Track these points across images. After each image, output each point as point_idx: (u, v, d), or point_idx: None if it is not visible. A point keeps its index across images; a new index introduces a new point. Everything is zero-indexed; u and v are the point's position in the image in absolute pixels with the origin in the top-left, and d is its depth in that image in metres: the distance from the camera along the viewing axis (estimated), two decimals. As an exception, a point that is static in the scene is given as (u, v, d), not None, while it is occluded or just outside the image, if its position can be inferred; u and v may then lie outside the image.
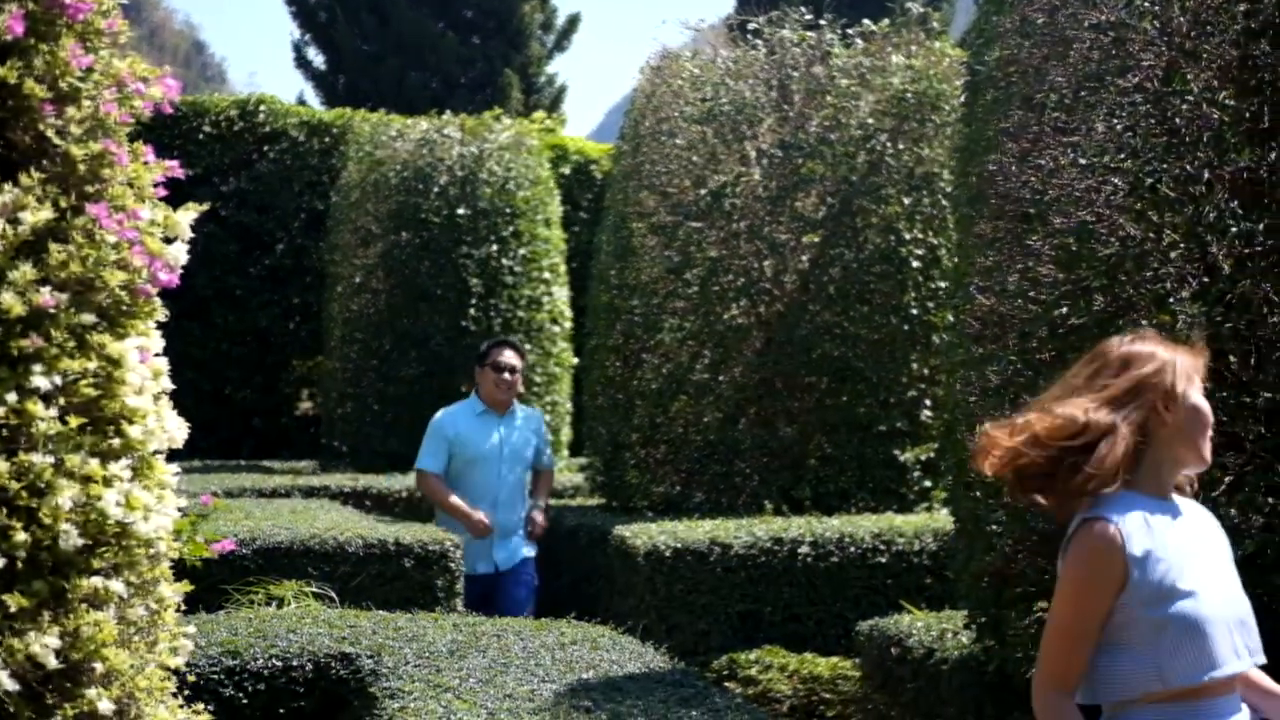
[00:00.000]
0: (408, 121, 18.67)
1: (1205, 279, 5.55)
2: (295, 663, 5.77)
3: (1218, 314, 5.39)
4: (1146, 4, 5.71)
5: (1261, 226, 5.37)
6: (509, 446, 9.85)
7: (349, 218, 17.60)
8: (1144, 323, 5.65)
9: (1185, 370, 3.81)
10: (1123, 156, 5.70)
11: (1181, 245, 5.62)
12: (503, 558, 9.82)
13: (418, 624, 6.24)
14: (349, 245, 17.52)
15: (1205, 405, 3.84)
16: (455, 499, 9.66)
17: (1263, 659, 3.87)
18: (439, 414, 10.08)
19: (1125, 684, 3.69)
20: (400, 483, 14.16)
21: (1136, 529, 3.70)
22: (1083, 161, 5.80)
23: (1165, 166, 5.59)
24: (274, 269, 20.86)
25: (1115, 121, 5.76)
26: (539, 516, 10.03)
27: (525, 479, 10.02)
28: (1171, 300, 5.57)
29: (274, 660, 5.76)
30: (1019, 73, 6.25)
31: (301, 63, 37.55)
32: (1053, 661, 3.72)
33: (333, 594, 8.42)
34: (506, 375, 9.78)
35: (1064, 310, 5.79)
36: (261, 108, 21.08)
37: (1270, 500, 5.39)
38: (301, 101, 32.43)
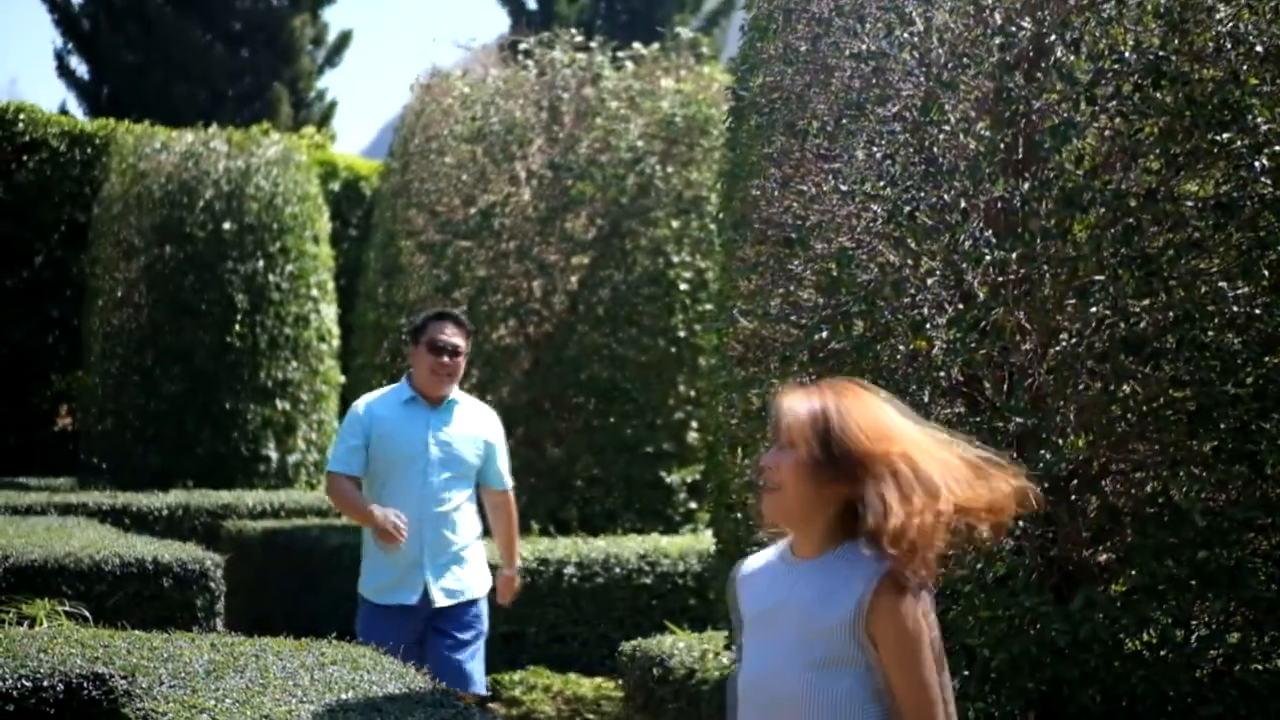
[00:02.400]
0: (173, 134, 18.33)
1: (960, 305, 5.68)
2: (46, 683, 5.60)
3: (972, 340, 5.52)
4: (906, 35, 5.83)
5: (1015, 255, 5.50)
6: (441, 445, 7.33)
7: (111, 230, 17.23)
8: (901, 348, 5.78)
9: None
10: (882, 184, 5.80)
11: (938, 272, 5.74)
12: (439, 588, 7.30)
13: (174, 644, 6.10)
14: (111, 258, 17.16)
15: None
16: (363, 503, 7.27)
17: None
18: (357, 402, 7.67)
19: None
20: (161, 500, 13.90)
21: None
22: (843, 188, 5.90)
23: (923, 194, 5.71)
24: (32, 281, 20.30)
25: (875, 149, 5.86)
26: (512, 577, 7.76)
27: (469, 495, 7.47)
28: (928, 326, 5.69)
29: (23, 681, 5.59)
30: (782, 99, 6.33)
31: (64, 71, 36.62)
32: None
33: (87, 613, 8.22)
34: (446, 358, 7.33)
35: (824, 334, 5.87)
36: (20, 116, 20.51)
37: (1019, 523, 5.52)
38: (64, 111, 31.61)
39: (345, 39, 38.68)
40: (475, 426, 7.47)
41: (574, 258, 12.31)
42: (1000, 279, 5.58)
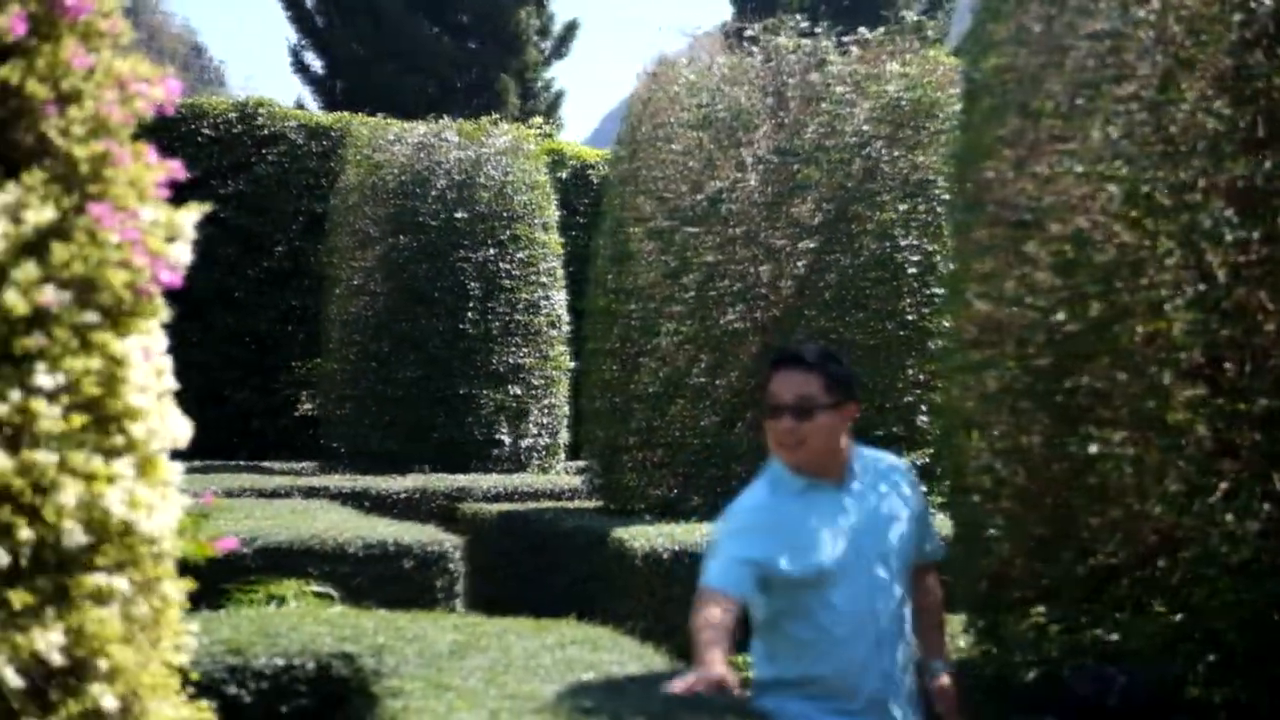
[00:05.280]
0: (405, 125, 18.73)
1: (1201, 286, 5.57)
2: (297, 661, 5.77)
3: (1213, 321, 5.41)
4: (1143, 13, 5.74)
5: (1256, 234, 5.39)
6: (873, 534, 4.76)
7: (347, 221, 17.64)
8: (1139, 329, 5.69)
9: None
10: (1118, 164, 5.72)
11: (1177, 252, 5.64)
12: None
13: (419, 624, 6.24)
14: (347, 248, 17.57)
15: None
16: (709, 633, 4.40)
17: None
18: (740, 501, 4.97)
19: None
20: (399, 484, 14.20)
21: None
22: (1079, 169, 5.83)
23: (1161, 174, 5.62)
24: (273, 271, 20.91)
25: (1111, 129, 5.78)
26: (946, 681, 5.01)
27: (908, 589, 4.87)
28: (1167, 307, 5.59)
29: (276, 658, 5.76)
30: (1015, 80, 6.27)
31: (299, 67, 37.59)
32: None
33: (334, 593, 8.43)
34: (786, 421, 4.75)
35: (1061, 316, 5.81)
36: (260, 111, 21.12)
37: (1266, 507, 5.41)
38: (300, 105, 32.45)
39: (571, 29, 39.04)
40: (893, 488, 4.96)
41: (801, 242, 12.28)
42: (1241, 259, 5.46)
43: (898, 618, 4.70)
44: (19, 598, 2.87)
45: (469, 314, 16.98)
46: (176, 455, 3.29)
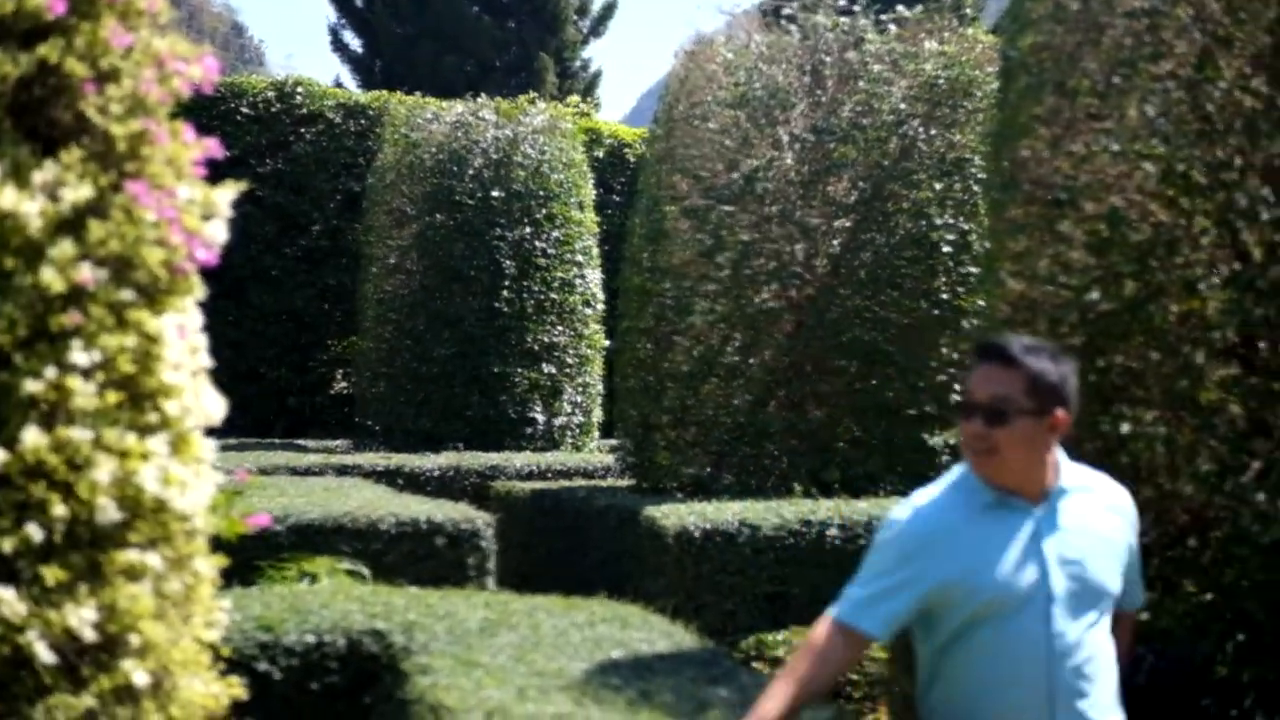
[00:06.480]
0: (443, 105, 18.75)
1: (1236, 265, 5.55)
2: (328, 638, 5.81)
3: (1248, 300, 5.39)
4: (1180, -10, 5.71)
5: (1293, 213, 5.37)
6: (1067, 570, 3.87)
7: (384, 199, 17.68)
8: (1174, 308, 5.67)
9: None
10: (1155, 143, 5.70)
11: (1213, 231, 5.62)
12: None
13: (449, 601, 6.27)
14: (384, 226, 17.61)
15: None
16: (783, 683, 3.73)
17: None
18: (913, 506, 3.97)
19: None
20: (432, 462, 14.23)
21: None
22: (1115, 148, 5.81)
23: (1197, 153, 5.59)
24: (310, 250, 20.97)
25: (1148, 108, 5.76)
26: None
27: (1114, 663, 3.95)
28: (1202, 286, 5.57)
29: (307, 635, 5.80)
30: (1052, 59, 6.25)
31: (338, 46, 37.65)
32: None
33: (365, 571, 8.46)
34: (976, 424, 3.86)
35: (1095, 295, 5.80)
36: (299, 90, 21.17)
37: (1298, 486, 5.39)
38: (338, 84, 32.51)
39: (609, 9, 39.02)
40: (1111, 524, 3.99)
41: (836, 221, 12.26)
42: (1277, 237, 5.44)
43: (1083, 674, 3.80)
44: (52, 574, 2.89)
45: (504, 292, 17.00)
46: (210, 432, 3.31)
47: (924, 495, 3.99)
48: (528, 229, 17.13)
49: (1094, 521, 3.91)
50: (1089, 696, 3.80)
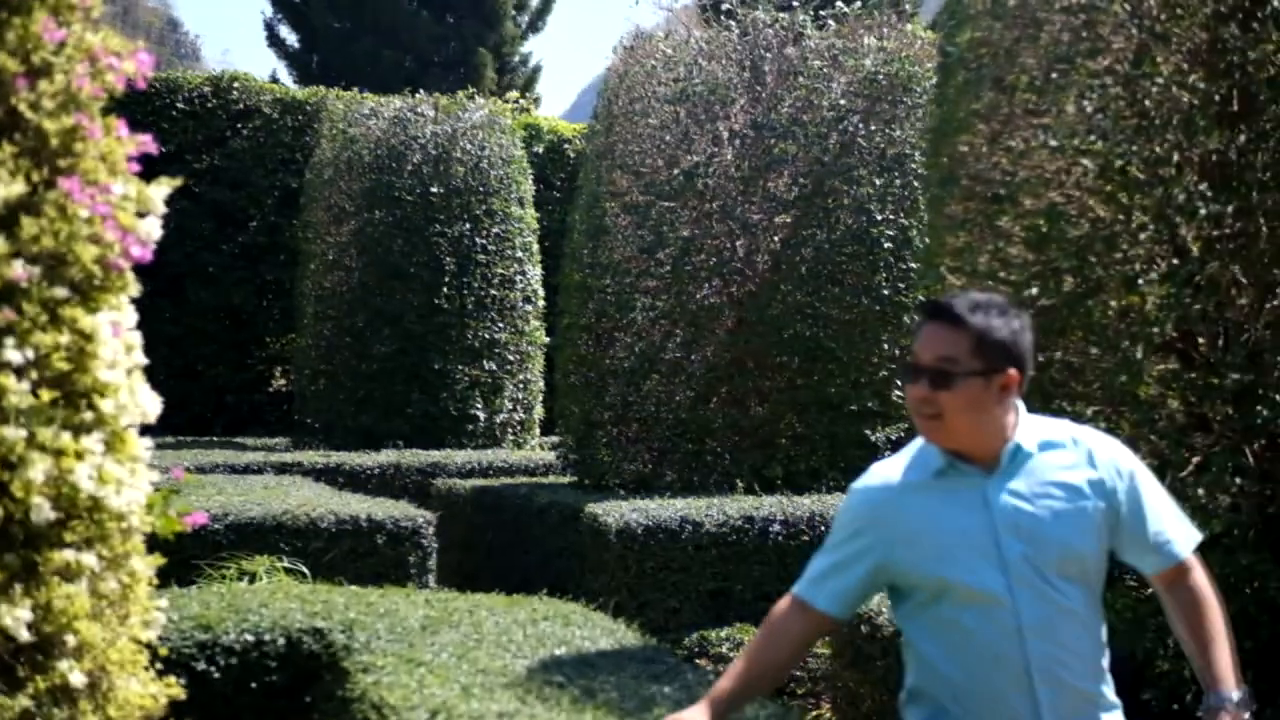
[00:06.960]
0: (381, 100, 18.65)
1: (1174, 260, 5.59)
2: (267, 637, 5.77)
3: (1186, 295, 5.43)
4: (1117, -14, 5.74)
5: (1230, 209, 5.40)
6: (1031, 542, 3.55)
7: (322, 195, 17.58)
8: (1113, 304, 5.70)
9: None
10: (1093, 138, 5.73)
11: (1151, 227, 5.66)
12: None
13: (390, 599, 6.25)
14: (322, 223, 17.52)
15: None
16: (737, 665, 3.69)
17: None
18: (865, 477, 3.82)
19: None
20: (373, 459, 14.19)
21: None
22: (1053, 143, 5.83)
23: (1135, 149, 5.62)
24: (248, 246, 20.84)
25: (1086, 103, 5.78)
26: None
27: (1099, 629, 3.68)
28: (1140, 281, 5.60)
29: (246, 634, 5.76)
30: (990, 54, 6.27)
31: (274, 41, 37.40)
32: None
33: (304, 570, 8.43)
34: (920, 388, 3.60)
35: (1034, 291, 5.82)
36: (235, 85, 21.04)
37: (1237, 480, 5.43)
38: (275, 80, 32.30)
39: (548, 4, 38.95)
40: (1085, 484, 3.63)
41: (777, 217, 12.29)
42: (1215, 233, 5.47)
43: (1059, 641, 3.53)
44: (-13, 573, 2.86)
45: (444, 289, 16.95)
46: (147, 430, 3.28)
47: (884, 464, 3.80)
48: (467, 225, 17.08)
49: (1059, 480, 3.60)
50: (1068, 664, 3.54)
